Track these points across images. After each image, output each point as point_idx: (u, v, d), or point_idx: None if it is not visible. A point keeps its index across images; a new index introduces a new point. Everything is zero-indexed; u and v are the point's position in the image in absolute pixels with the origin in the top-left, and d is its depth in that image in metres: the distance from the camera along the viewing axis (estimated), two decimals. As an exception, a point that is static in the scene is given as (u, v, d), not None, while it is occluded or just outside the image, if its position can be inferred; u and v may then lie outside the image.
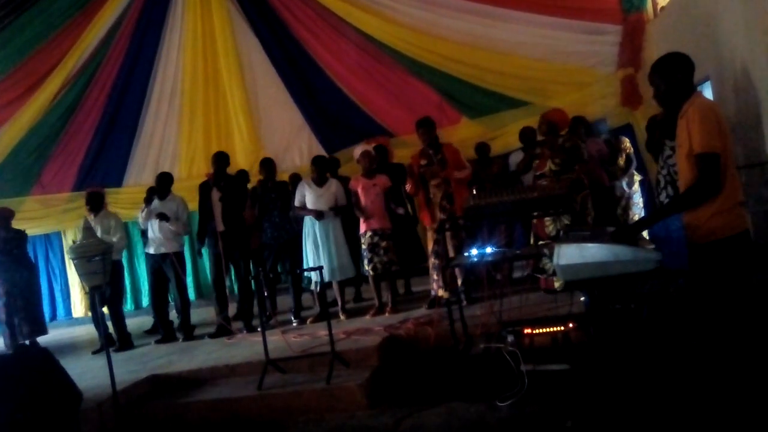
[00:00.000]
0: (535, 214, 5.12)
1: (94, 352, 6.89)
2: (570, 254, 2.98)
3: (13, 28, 8.63)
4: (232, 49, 9.55)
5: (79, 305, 10.43)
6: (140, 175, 9.88)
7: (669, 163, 4.72)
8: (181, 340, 6.84)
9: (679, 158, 2.95)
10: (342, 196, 6.50)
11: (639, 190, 6.76)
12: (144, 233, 7.56)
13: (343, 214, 6.51)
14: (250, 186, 7.28)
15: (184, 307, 6.98)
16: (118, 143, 9.96)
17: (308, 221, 6.47)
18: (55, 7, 8.77)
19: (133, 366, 5.81)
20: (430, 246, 6.17)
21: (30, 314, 7.24)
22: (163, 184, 6.96)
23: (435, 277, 6.08)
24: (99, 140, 9.85)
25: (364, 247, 6.33)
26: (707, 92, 5.67)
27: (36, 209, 10.05)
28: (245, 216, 6.77)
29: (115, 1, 9.03)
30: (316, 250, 6.39)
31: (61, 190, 10.02)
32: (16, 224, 7.62)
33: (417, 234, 7.29)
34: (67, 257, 10.21)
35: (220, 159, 6.81)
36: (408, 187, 6.21)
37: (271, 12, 9.28)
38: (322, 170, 6.60)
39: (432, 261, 6.11)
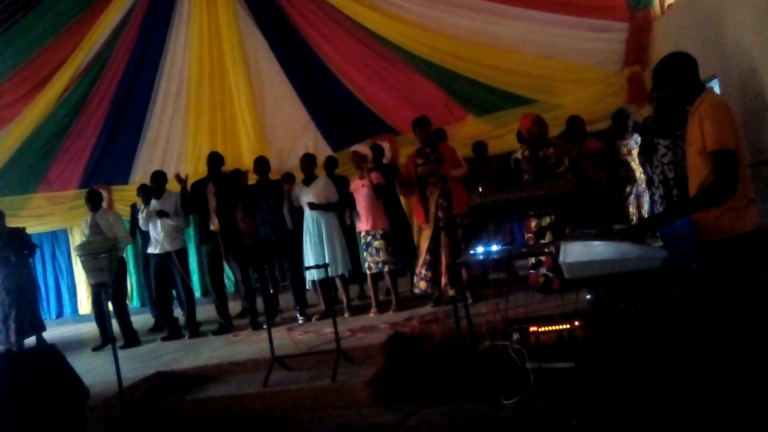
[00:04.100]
0: (533, 213, 5.13)
1: (95, 349, 6.93)
2: (576, 252, 2.97)
3: (19, 26, 8.65)
4: (238, 47, 9.55)
5: (85, 302, 10.46)
6: (146, 172, 9.77)
7: (663, 162, 4.70)
8: (186, 337, 6.87)
9: (691, 155, 2.92)
10: (333, 192, 6.54)
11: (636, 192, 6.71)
12: (140, 232, 7.58)
13: (333, 210, 6.54)
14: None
15: (190, 304, 7.01)
16: (124, 141, 9.99)
17: (307, 219, 6.52)
18: (62, 6, 8.79)
19: (139, 363, 5.84)
20: (423, 244, 6.17)
21: (31, 312, 7.28)
22: (158, 183, 7.00)
23: (423, 273, 6.06)
24: (105, 138, 9.88)
25: (360, 246, 6.37)
26: (714, 90, 5.65)
27: (43, 206, 10.10)
28: (237, 215, 6.81)
29: (121, -1, 9.06)
30: (313, 248, 6.44)
31: (67, 187, 10.08)
32: (22, 222, 7.67)
33: (411, 233, 7.28)
34: (73, 254, 10.26)
35: (215, 158, 6.86)
36: (399, 191, 6.22)
37: (276, 10, 9.27)
38: (309, 169, 6.69)
39: (425, 258, 6.09)
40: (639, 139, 6.63)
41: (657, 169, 4.78)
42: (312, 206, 6.37)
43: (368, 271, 6.37)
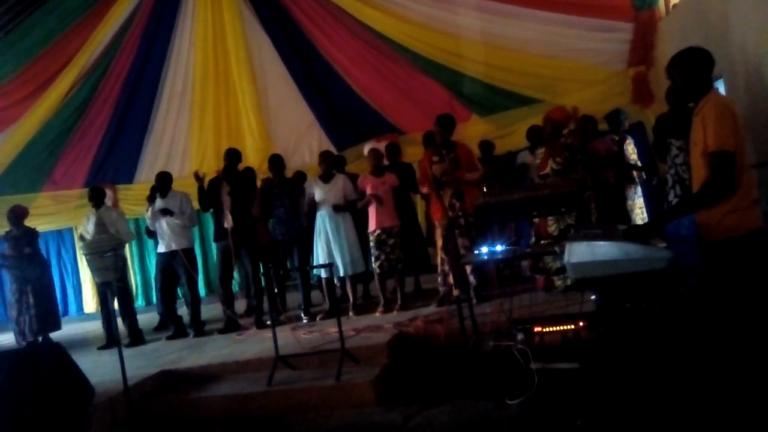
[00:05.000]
0: (537, 213, 5.11)
1: (100, 348, 6.95)
2: (581, 252, 2.97)
3: (25, 25, 8.70)
4: (243, 46, 9.58)
5: (90, 301, 10.50)
6: (151, 171, 9.84)
7: (677, 162, 4.68)
8: (191, 336, 6.88)
9: (694, 156, 2.93)
10: (350, 190, 6.51)
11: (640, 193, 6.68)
12: (149, 232, 7.61)
13: (354, 209, 6.53)
14: (258, 182, 7.31)
15: (195, 303, 7.02)
16: (129, 140, 10.04)
17: (319, 218, 6.49)
18: (67, 5, 8.84)
19: (144, 361, 5.86)
20: (439, 242, 6.16)
21: (41, 311, 7.29)
22: (163, 183, 7.03)
23: (445, 272, 6.06)
24: (110, 137, 9.93)
25: (371, 244, 6.35)
26: (719, 90, 5.63)
27: (48, 205, 10.14)
28: (253, 211, 6.81)
29: (126, -1, 9.10)
30: (326, 247, 6.41)
31: (72, 186, 10.13)
32: (28, 220, 7.69)
33: (421, 232, 7.28)
34: (78, 253, 10.29)
35: (232, 155, 6.88)
36: (424, 190, 6.19)
37: (281, 9, 9.30)
38: (329, 166, 6.64)
39: (441, 257, 6.09)
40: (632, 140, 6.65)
41: (671, 169, 4.76)
42: (337, 209, 6.35)
43: (378, 270, 6.34)
